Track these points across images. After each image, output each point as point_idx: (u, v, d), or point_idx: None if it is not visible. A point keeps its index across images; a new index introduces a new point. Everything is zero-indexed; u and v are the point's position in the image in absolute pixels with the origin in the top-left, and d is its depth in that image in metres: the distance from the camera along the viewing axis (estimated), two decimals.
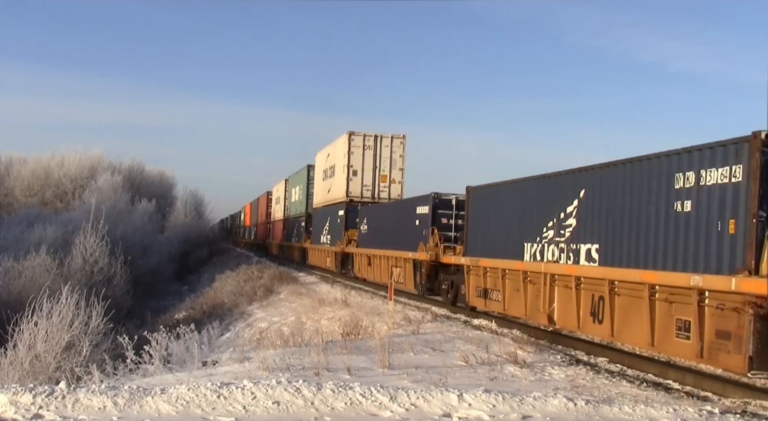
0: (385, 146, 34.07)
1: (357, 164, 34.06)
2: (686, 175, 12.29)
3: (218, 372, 12.36)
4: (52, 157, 70.08)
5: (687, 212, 12.22)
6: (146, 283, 43.20)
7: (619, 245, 14.03)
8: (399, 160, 34.10)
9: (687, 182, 12.26)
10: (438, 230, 23.74)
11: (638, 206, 13.56)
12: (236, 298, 31.26)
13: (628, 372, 13.02)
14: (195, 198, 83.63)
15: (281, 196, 56.29)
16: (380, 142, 34.09)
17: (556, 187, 16.66)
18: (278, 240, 58.29)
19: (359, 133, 34.11)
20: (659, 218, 12.92)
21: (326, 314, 21.85)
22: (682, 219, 12.33)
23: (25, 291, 24.93)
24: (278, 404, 9.12)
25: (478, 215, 21.01)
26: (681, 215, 12.35)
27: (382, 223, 30.34)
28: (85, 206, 45.15)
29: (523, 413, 9.28)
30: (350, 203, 34.28)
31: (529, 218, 17.73)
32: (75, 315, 17.90)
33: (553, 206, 16.55)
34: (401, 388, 9.91)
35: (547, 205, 16.86)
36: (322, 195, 40.96)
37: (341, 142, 35.44)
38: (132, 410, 8.75)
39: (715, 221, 11.57)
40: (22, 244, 35.76)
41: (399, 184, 34.22)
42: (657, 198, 13.01)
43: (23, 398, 8.79)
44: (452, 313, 21.29)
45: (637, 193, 13.64)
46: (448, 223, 23.84)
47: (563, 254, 16.02)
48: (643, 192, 13.46)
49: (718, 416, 9.61)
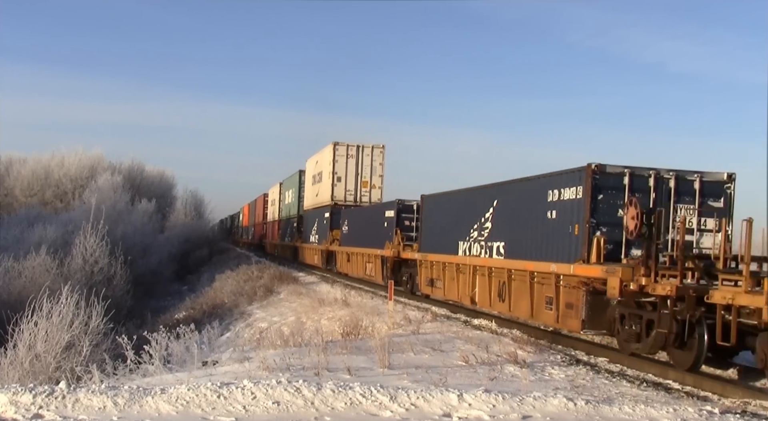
0: (366, 155, 37.70)
1: (341, 171, 37.66)
2: (553, 192, 16.44)
3: (218, 372, 12.36)
4: (52, 157, 70.10)
5: (553, 219, 16.43)
6: (146, 283, 43.17)
7: (516, 242, 18.30)
8: (379, 167, 37.75)
9: (554, 197, 16.44)
10: (401, 231, 27.85)
11: (527, 214, 17.77)
12: (236, 298, 31.26)
13: (628, 372, 13.03)
14: (195, 198, 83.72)
15: (276, 198, 59.60)
16: (362, 151, 37.70)
17: (480, 198, 20.68)
18: (273, 240, 61.47)
19: (343, 144, 37.69)
20: (538, 222, 17.12)
21: (326, 314, 21.86)
22: (550, 224, 16.53)
23: (25, 291, 24.92)
24: (278, 404, 9.13)
25: (429, 219, 25.19)
26: (550, 221, 16.55)
27: (359, 224, 34.17)
28: (85, 206, 45.16)
29: (523, 413, 9.28)
30: (335, 206, 37.79)
31: (462, 221, 21.74)
32: (75, 315, 17.90)
33: (477, 213, 20.58)
34: (401, 388, 9.91)
35: (474, 212, 20.85)
36: (311, 198, 44.11)
37: (327, 151, 38.72)
38: (132, 410, 8.75)
39: (567, 225, 15.72)
40: (22, 244, 35.76)
41: (379, 189, 37.80)
42: (537, 208, 17.12)
43: (23, 398, 8.79)
44: (452, 313, 21.39)
45: (527, 204, 17.84)
46: (410, 225, 27.82)
47: (482, 250, 20.24)
48: (530, 204, 17.60)
49: (718, 416, 9.61)
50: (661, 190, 15.45)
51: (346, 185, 37.78)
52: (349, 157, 37.60)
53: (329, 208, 38.48)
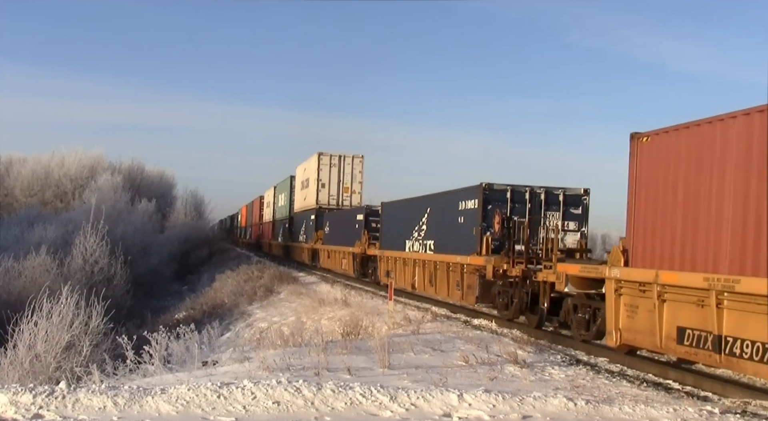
0: (347, 164, 42.47)
1: (325, 179, 42.38)
2: (462, 203, 22.02)
3: (218, 372, 12.36)
4: (52, 157, 70.11)
5: (462, 223, 22.02)
6: (146, 283, 43.19)
7: (441, 241, 23.83)
8: (358, 175, 42.55)
9: (462, 207, 21.98)
10: (368, 232, 32.76)
11: (447, 219, 23.28)
12: (236, 298, 31.27)
13: (628, 372, 13.03)
14: (195, 198, 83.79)
15: (271, 200, 63.78)
16: (343, 160, 42.47)
17: (420, 206, 26.19)
18: (268, 239, 65.46)
19: (326, 154, 42.42)
20: (453, 226, 22.62)
21: (326, 314, 21.87)
22: (460, 227, 22.07)
23: (25, 291, 24.92)
24: (278, 404, 9.13)
25: (387, 222, 30.60)
26: (460, 224, 22.09)
27: (337, 226, 38.70)
28: (85, 206, 45.18)
29: (523, 413, 9.28)
30: (319, 210, 42.34)
31: (408, 224, 27.12)
32: (75, 315, 17.90)
33: (418, 218, 26.07)
34: (401, 388, 9.91)
35: (415, 217, 26.32)
36: (300, 202, 48.65)
37: (313, 160, 43.30)
38: (132, 410, 8.75)
39: (470, 228, 21.17)
40: (22, 244, 35.78)
41: (358, 194, 42.58)
42: (453, 215, 22.66)
43: (23, 398, 8.79)
44: (452, 313, 21.45)
45: (447, 212, 23.30)
46: (376, 227, 32.41)
47: (420, 247, 25.78)
48: (449, 211, 23.08)
49: (718, 416, 9.61)
50: (534, 202, 20.68)
51: (329, 191, 42.30)
52: (332, 166, 42.31)
53: (315, 211, 42.59)
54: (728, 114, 11.48)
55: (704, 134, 11.99)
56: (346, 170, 42.44)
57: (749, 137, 10.95)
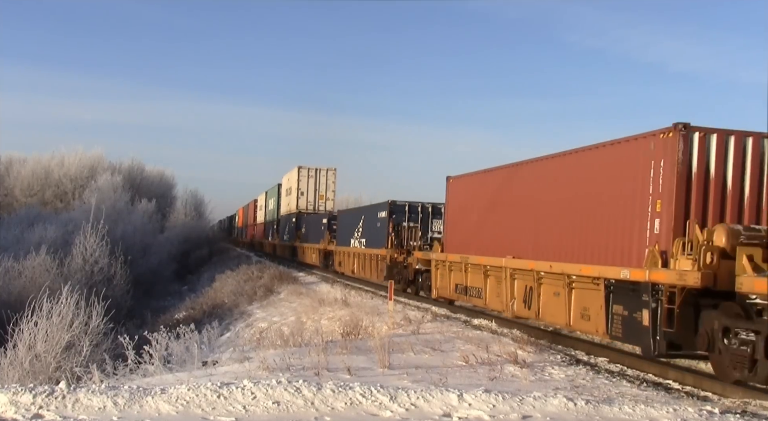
0: (323, 176, 50.50)
1: (303, 188, 50.27)
2: (379, 213, 31.55)
3: (218, 372, 12.36)
4: (52, 157, 70.12)
5: (379, 227, 31.46)
6: (146, 283, 43.18)
7: (369, 239, 33.18)
8: (331, 184, 50.72)
9: (380, 215, 31.44)
10: (329, 232, 41.75)
11: (372, 224, 32.89)
12: (236, 298, 31.26)
13: (628, 372, 13.03)
14: (195, 198, 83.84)
15: (263, 204, 71.09)
16: (319, 173, 50.50)
17: (358, 213, 37.10)
18: (260, 239, 73.29)
19: (305, 167, 50.48)
20: (374, 229, 32.22)
21: (326, 314, 21.85)
22: (378, 229, 31.43)
23: (25, 291, 24.90)
24: (278, 404, 9.13)
25: (340, 225, 40.02)
26: (378, 228, 31.48)
27: (309, 227, 47.91)
28: (85, 206, 45.18)
29: (523, 413, 9.28)
30: (299, 214, 50.09)
31: (352, 227, 36.64)
32: (75, 315, 17.89)
33: (357, 222, 35.87)
34: (401, 388, 9.90)
35: (356, 222, 36.14)
36: (285, 206, 56.34)
37: (294, 171, 51.32)
38: (132, 410, 8.75)
39: (382, 230, 30.58)
40: (22, 244, 35.75)
41: (331, 201, 50.74)
42: (375, 221, 32.30)
43: (23, 398, 8.79)
44: (452, 313, 21.44)
45: (371, 219, 32.94)
46: (335, 228, 41.04)
47: (358, 243, 35.34)
48: (372, 218, 32.75)
49: (718, 416, 9.61)
50: (426, 213, 30.02)
51: (307, 198, 50.09)
52: (309, 177, 50.12)
53: (295, 215, 50.29)
54: (482, 170, 21.59)
55: (471, 179, 22.49)
56: (321, 181, 50.21)
57: (488, 185, 20.92)
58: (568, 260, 15.68)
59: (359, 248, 34.57)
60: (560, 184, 16.76)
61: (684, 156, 12.71)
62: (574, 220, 15.87)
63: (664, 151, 12.94)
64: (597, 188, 15.15)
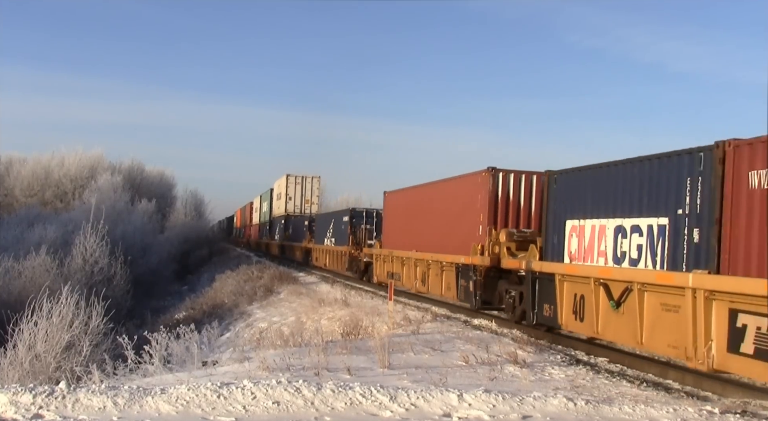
0: (308, 182, 56.26)
1: (291, 193, 55.92)
2: (343, 217, 37.88)
3: (218, 372, 12.35)
4: (52, 157, 70.15)
5: (343, 229, 37.41)
6: (146, 283, 43.18)
7: (336, 238, 39.35)
8: (316, 190, 56.74)
9: (344, 219, 37.54)
10: (310, 233, 47.62)
11: (339, 226, 38.73)
12: (236, 298, 31.27)
13: (628, 372, 13.03)
14: (195, 198, 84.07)
15: (258, 206, 75.56)
16: (305, 180, 56.24)
17: (330, 217, 42.58)
18: (256, 239, 76.86)
19: (293, 175, 56.06)
20: (340, 230, 38.36)
21: (326, 314, 21.86)
22: (343, 231, 37.51)
23: (25, 291, 24.91)
24: (278, 404, 9.13)
25: (317, 226, 45.73)
26: (342, 230, 37.59)
27: (295, 228, 53.60)
28: (85, 206, 45.21)
29: (523, 413, 9.28)
30: (287, 216, 55.50)
31: (325, 228, 42.54)
32: (75, 315, 17.89)
33: (329, 224, 41.62)
34: (401, 388, 9.91)
35: (328, 223, 41.91)
36: (276, 209, 61.64)
37: (283, 179, 57.12)
38: (132, 410, 8.75)
39: (346, 232, 36.75)
40: (22, 244, 35.75)
41: (316, 205, 56.56)
42: (341, 224, 38.09)
43: (23, 398, 8.79)
44: (452, 313, 21.41)
45: (339, 221, 39.03)
46: (314, 229, 46.93)
47: (329, 242, 41.12)
48: (339, 222, 38.88)
49: (718, 416, 9.61)
50: (379, 218, 33.68)
51: (294, 202, 55.73)
52: (297, 184, 55.86)
53: (284, 217, 55.71)
54: (405, 188, 28.59)
55: (398, 195, 29.06)
56: (306, 187, 56.11)
57: (407, 199, 27.69)
58: (441, 252, 22.89)
59: (330, 245, 41.30)
60: (438, 202, 24.18)
61: (493, 187, 19.87)
62: (443, 225, 23.32)
63: (483, 184, 20.10)
64: (454, 206, 22.51)
